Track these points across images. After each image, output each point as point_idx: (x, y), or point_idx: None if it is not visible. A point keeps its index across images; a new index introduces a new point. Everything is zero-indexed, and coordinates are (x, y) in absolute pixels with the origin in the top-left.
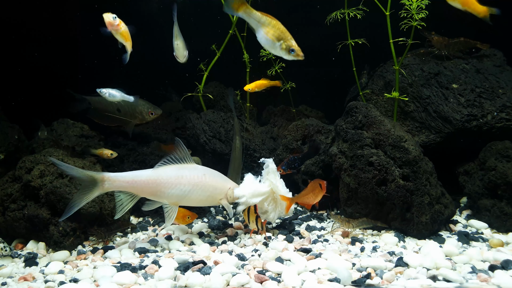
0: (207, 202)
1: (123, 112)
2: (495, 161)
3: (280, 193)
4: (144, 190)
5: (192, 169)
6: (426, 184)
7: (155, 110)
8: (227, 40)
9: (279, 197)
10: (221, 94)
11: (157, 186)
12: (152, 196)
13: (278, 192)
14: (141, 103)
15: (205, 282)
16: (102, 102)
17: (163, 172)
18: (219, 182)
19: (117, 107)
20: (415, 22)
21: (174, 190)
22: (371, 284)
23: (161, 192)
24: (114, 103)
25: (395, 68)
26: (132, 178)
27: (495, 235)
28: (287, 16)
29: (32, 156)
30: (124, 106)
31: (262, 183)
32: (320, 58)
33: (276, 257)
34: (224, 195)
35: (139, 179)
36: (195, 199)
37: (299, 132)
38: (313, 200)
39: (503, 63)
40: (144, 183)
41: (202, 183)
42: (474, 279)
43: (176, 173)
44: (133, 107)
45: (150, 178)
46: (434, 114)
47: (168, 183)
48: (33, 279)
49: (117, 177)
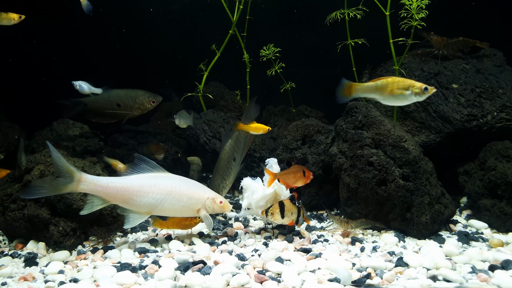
0: (183, 212)
1: (123, 106)
2: (495, 161)
3: (282, 193)
4: (116, 197)
5: (166, 178)
6: (426, 184)
7: (156, 98)
8: (227, 40)
9: (282, 197)
10: (221, 94)
11: (129, 194)
12: (124, 204)
13: (281, 193)
14: (141, 93)
15: (205, 282)
16: (100, 100)
17: (136, 180)
18: (195, 192)
19: (117, 102)
20: (415, 22)
21: (146, 198)
22: (371, 284)
23: (133, 200)
24: (113, 99)
25: (395, 68)
26: (106, 183)
27: (495, 235)
28: (288, 16)
29: (32, 156)
30: (124, 100)
31: (264, 184)
32: (320, 58)
33: (276, 257)
34: (202, 205)
35: (113, 185)
36: (168, 209)
37: (299, 132)
38: (292, 183)
39: (503, 63)
40: (117, 190)
41: (176, 192)
42: (474, 279)
43: (148, 182)
44: (133, 99)
45: (122, 185)
46: (434, 114)
47: (140, 191)
48: (33, 279)
49: (93, 180)
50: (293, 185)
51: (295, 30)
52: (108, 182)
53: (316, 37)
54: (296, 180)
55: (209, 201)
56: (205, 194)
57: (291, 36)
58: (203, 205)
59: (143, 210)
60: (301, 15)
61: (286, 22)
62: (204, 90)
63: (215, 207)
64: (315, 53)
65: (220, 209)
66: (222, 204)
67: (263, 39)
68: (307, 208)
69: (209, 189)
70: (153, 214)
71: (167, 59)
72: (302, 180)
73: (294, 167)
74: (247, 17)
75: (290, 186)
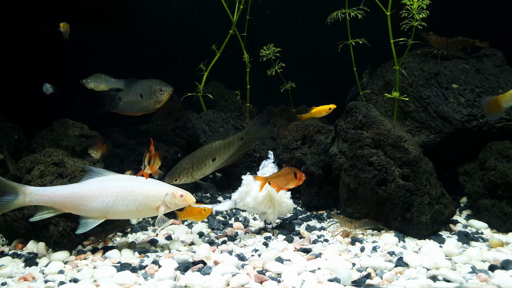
0: (142, 212)
1: (144, 97)
2: (495, 161)
3: (276, 195)
4: (65, 205)
5: (116, 179)
6: (426, 184)
7: (164, 87)
8: (227, 40)
9: (277, 197)
10: (221, 94)
11: (78, 200)
12: (75, 211)
13: (275, 193)
14: (154, 82)
15: (205, 282)
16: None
17: (83, 186)
18: (151, 189)
19: (140, 93)
20: (416, 22)
21: (95, 203)
22: (371, 284)
23: (83, 206)
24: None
25: (396, 68)
26: (52, 192)
27: (495, 235)
28: (288, 16)
29: (32, 156)
30: (144, 89)
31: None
32: (320, 58)
33: (276, 257)
34: (162, 202)
35: (59, 193)
36: (123, 210)
37: (299, 132)
38: (284, 185)
39: (503, 63)
40: (64, 197)
41: (128, 192)
42: (474, 279)
43: (96, 185)
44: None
45: (69, 193)
46: (434, 114)
47: (88, 196)
48: (33, 279)
49: (38, 191)
50: (285, 187)
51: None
52: (54, 191)
53: (316, 37)
54: (287, 182)
55: (168, 197)
56: (162, 190)
57: (291, 36)
58: (162, 202)
59: (96, 215)
60: (302, 15)
61: (286, 23)
62: (204, 90)
63: (177, 202)
64: (315, 53)
65: (182, 203)
66: (183, 198)
67: (263, 39)
68: (307, 208)
69: (166, 184)
70: (108, 217)
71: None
72: (294, 182)
73: (285, 169)
74: (247, 17)
75: (281, 188)
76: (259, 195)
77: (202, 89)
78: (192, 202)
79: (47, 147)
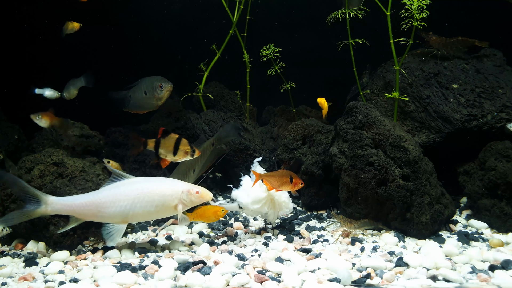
0: (161, 212)
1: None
2: (495, 161)
3: (277, 194)
4: (85, 213)
5: (130, 183)
6: (426, 184)
7: (164, 83)
8: (227, 40)
9: (277, 198)
10: (221, 94)
11: (96, 208)
12: (95, 219)
13: (274, 194)
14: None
15: (205, 282)
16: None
17: (100, 193)
18: (166, 188)
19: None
20: (416, 22)
21: (113, 208)
22: (371, 284)
23: (102, 213)
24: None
25: (395, 68)
26: (71, 201)
27: (495, 235)
28: (288, 16)
29: (32, 156)
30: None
31: (260, 186)
32: (320, 58)
33: (276, 257)
34: (179, 200)
35: (77, 202)
36: (142, 213)
37: (299, 132)
38: (277, 186)
39: (503, 63)
40: (82, 206)
41: (144, 194)
42: (474, 279)
43: (112, 191)
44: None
45: (87, 201)
46: (434, 114)
47: (105, 202)
48: (33, 279)
49: (59, 201)
50: (278, 188)
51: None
52: (73, 200)
53: (316, 37)
54: (281, 184)
55: (184, 194)
56: (178, 188)
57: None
58: (179, 200)
59: (116, 220)
60: (302, 15)
61: (287, 23)
62: (204, 90)
63: (193, 199)
64: (315, 53)
65: (199, 200)
66: (199, 194)
67: (263, 39)
68: (307, 208)
69: (181, 182)
70: (129, 221)
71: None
72: (288, 186)
73: (282, 171)
74: (247, 17)
75: (273, 188)
76: (260, 196)
77: (202, 89)
78: (209, 198)
79: (47, 147)
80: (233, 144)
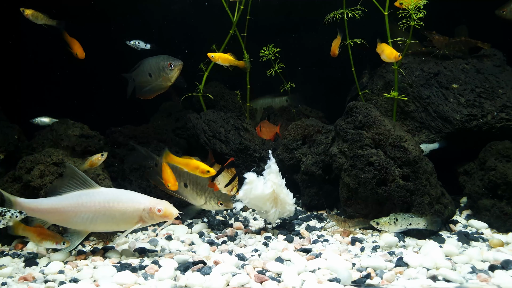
0: (121, 226)
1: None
2: (495, 161)
3: (282, 193)
4: (49, 218)
5: (94, 194)
6: (426, 184)
7: (174, 62)
8: (227, 40)
9: (279, 197)
10: (221, 94)
11: (60, 214)
12: (59, 223)
13: (280, 193)
14: (162, 57)
15: (205, 282)
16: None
17: (64, 200)
18: (128, 205)
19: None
20: (413, 22)
21: (75, 218)
22: (371, 284)
23: (66, 219)
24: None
25: (394, 68)
26: (35, 205)
27: (495, 235)
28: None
29: (32, 156)
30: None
31: (264, 183)
32: (321, 58)
33: (276, 257)
34: (139, 218)
35: (42, 207)
36: (104, 225)
37: (299, 132)
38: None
39: (503, 63)
40: (47, 211)
41: (105, 209)
42: (474, 279)
43: (75, 201)
44: (157, 64)
45: (52, 207)
46: (434, 114)
47: (68, 212)
48: (33, 279)
49: (25, 203)
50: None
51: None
52: (37, 204)
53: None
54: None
55: (145, 213)
56: (140, 206)
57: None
58: (139, 217)
59: (78, 228)
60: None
61: (286, 23)
62: (204, 90)
63: (154, 217)
64: (315, 53)
65: (161, 218)
66: (161, 213)
67: (263, 39)
68: (307, 208)
69: (147, 198)
70: (90, 231)
71: None
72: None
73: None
74: (247, 17)
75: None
76: (265, 192)
77: (202, 89)
78: (172, 217)
79: (47, 147)
80: (233, 144)
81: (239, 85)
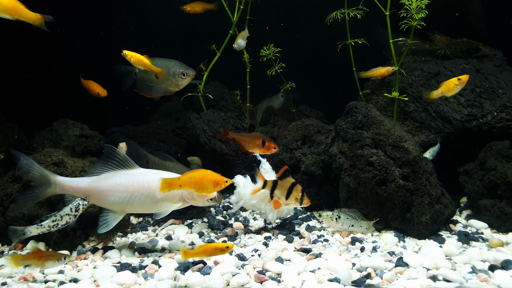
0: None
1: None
2: (495, 161)
3: None
4: (90, 197)
5: (133, 174)
6: (426, 184)
7: (187, 71)
8: (227, 40)
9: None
10: (221, 94)
11: (98, 194)
12: (96, 203)
13: None
14: (174, 63)
15: (205, 282)
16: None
17: (102, 179)
18: None
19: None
20: (415, 22)
21: (113, 197)
22: (371, 284)
23: (103, 199)
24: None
25: (395, 68)
26: (77, 184)
27: (495, 235)
28: (288, 17)
29: (32, 156)
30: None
31: (257, 184)
32: (320, 58)
33: (276, 257)
34: (179, 198)
35: (83, 185)
36: (141, 206)
37: (299, 132)
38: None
39: (503, 63)
40: (88, 190)
41: (144, 189)
42: (474, 279)
43: (113, 180)
44: (167, 68)
45: (90, 185)
46: (434, 114)
47: (106, 190)
48: (33, 279)
49: (66, 182)
50: (248, 149)
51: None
52: (78, 183)
53: (317, 37)
54: (252, 146)
55: (186, 193)
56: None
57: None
58: (180, 197)
59: (114, 208)
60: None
61: (287, 23)
62: (204, 90)
63: (195, 197)
64: (315, 53)
65: (201, 198)
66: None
67: (263, 39)
68: (307, 208)
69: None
70: (127, 212)
71: None
72: (259, 149)
73: (255, 134)
74: (247, 17)
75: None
76: (256, 193)
77: (202, 89)
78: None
79: (47, 147)
80: (234, 144)
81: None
